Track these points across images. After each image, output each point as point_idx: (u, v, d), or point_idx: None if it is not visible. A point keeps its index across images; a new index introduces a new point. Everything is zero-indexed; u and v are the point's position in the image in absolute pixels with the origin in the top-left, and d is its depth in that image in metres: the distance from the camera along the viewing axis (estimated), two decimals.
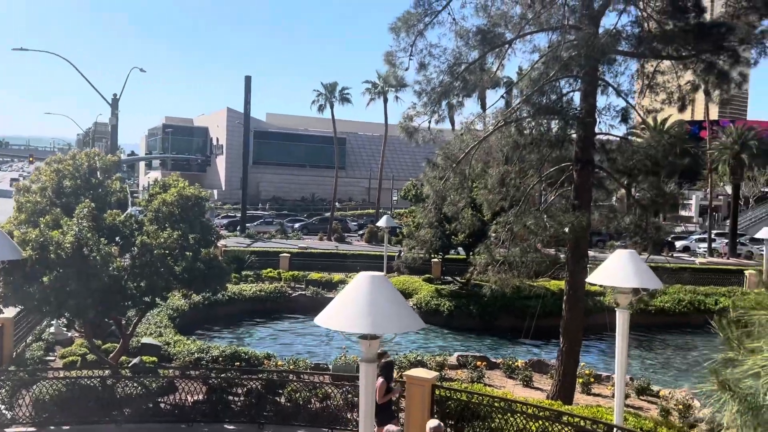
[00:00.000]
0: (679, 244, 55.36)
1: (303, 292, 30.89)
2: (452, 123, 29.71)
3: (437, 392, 11.84)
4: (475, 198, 17.04)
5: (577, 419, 11.05)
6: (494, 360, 19.93)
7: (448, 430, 12.10)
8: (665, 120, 47.94)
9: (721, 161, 51.53)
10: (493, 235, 15.61)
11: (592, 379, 17.83)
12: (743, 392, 2.35)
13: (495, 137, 15.02)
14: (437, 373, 13.04)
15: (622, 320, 10.64)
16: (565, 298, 15.15)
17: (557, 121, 14.36)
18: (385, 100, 55.21)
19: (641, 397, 17.07)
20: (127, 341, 15.23)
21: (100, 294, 12.28)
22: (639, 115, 15.70)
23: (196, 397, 13.32)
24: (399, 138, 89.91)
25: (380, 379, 10.50)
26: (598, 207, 16.23)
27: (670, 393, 16.68)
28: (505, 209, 15.73)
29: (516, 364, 19.07)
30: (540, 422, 11.10)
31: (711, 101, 16.81)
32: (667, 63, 15.70)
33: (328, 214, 61.86)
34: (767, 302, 2.75)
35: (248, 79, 57.02)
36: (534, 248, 14.38)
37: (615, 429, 10.60)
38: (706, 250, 52.02)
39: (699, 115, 71.46)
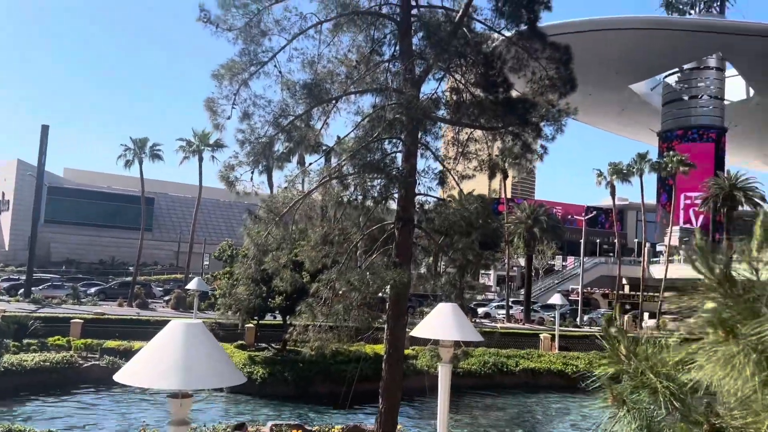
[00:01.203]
0: (480, 310, 58.86)
1: (97, 362, 27.66)
2: (270, 185, 28.73)
3: None
4: (298, 254, 16.53)
5: None
6: (310, 428, 19.06)
7: None
8: (470, 192, 51.71)
9: (516, 234, 56.39)
10: (311, 299, 15.15)
11: None
12: (640, 407, 2.06)
13: (319, 193, 14.79)
14: None
15: (444, 375, 10.56)
16: (384, 357, 14.98)
17: (380, 180, 14.51)
18: (201, 159, 53.09)
19: None
20: None
21: None
22: (454, 179, 16.43)
23: None
24: (213, 200, 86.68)
25: None
26: (417, 267, 16.53)
27: None
28: (328, 267, 15.39)
29: (332, 430, 18.42)
30: None
31: (520, 173, 18.14)
32: (479, 132, 16.76)
33: (130, 279, 57.21)
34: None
35: (45, 129, 52.06)
36: (357, 306, 14.11)
37: None
38: (504, 316, 55.85)
39: (495, 189, 78.26)
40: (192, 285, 30.37)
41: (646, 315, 58.37)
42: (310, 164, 14.85)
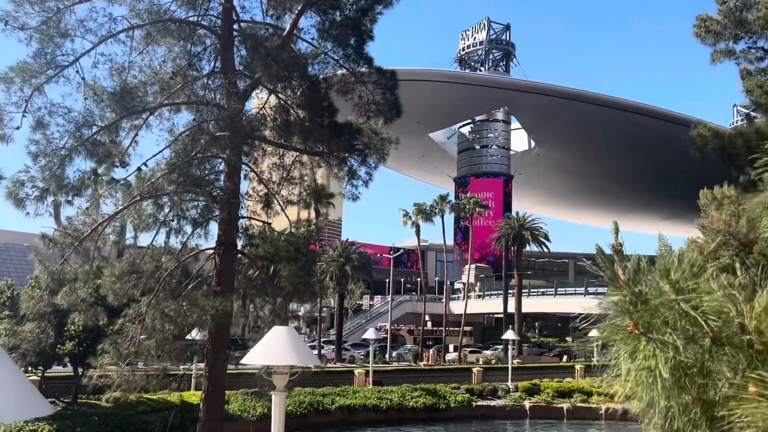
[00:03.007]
0: None
1: None
2: (56, 214, 24.64)
3: None
4: (99, 287, 14.56)
5: None
6: None
7: None
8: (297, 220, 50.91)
9: (328, 273, 56.41)
10: (115, 336, 13.38)
11: None
12: (671, 334, 1.60)
13: (127, 215, 13.18)
14: None
15: (278, 404, 9.65)
16: (203, 396, 13.60)
17: (200, 200, 13.36)
18: None
19: None
20: None
21: None
22: (279, 204, 15.70)
23: None
24: None
25: None
26: (238, 297, 15.40)
27: None
28: (137, 299, 13.71)
29: None
30: None
31: (345, 198, 17.84)
32: (305, 157, 16.27)
33: None
34: None
35: None
36: (172, 339, 12.62)
37: None
38: (316, 356, 55.24)
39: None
40: None
41: (451, 347, 61.27)
42: (118, 182, 13.22)
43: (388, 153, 16.57)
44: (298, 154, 15.82)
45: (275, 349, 9.48)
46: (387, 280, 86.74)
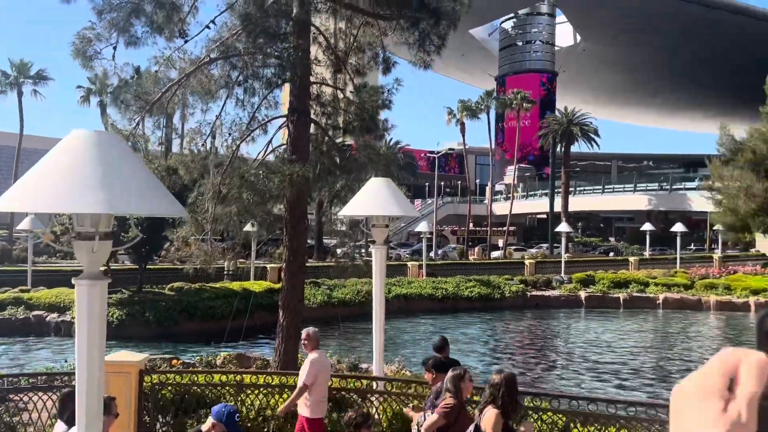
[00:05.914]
0: (339, 251, 58.26)
1: None
2: (103, 116, 24.01)
3: (147, 380, 8.87)
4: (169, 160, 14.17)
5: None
6: (189, 361, 17.03)
7: (162, 430, 9.22)
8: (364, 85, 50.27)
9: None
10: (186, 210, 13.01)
11: None
12: None
13: (198, 78, 12.48)
14: (146, 356, 9.94)
15: (379, 258, 9.27)
16: (284, 265, 13.38)
17: (271, 62, 12.59)
18: (20, 94, 45.54)
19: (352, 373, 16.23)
20: None
21: None
22: (348, 72, 14.81)
23: None
24: (34, 150, 77.07)
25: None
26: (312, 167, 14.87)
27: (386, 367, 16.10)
28: (210, 171, 13.28)
29: (216, 359, 16.55)
30: (285, 395, 9.05)
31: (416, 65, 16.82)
32: (372, 22, 15.21)
33: None
34: None
35: None
36: (254, 204, 12.19)
37: (375, 381, 9.28)
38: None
39: None
40: (25, 224, 26.16)
41: (500, 242, 61.21)
42: (187, 41, 12.44)
43: (459, 18, 15.47)
44: (365, 17, 14.75)
45: (375, 199, 8.97)
46: (426, 183, 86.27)
